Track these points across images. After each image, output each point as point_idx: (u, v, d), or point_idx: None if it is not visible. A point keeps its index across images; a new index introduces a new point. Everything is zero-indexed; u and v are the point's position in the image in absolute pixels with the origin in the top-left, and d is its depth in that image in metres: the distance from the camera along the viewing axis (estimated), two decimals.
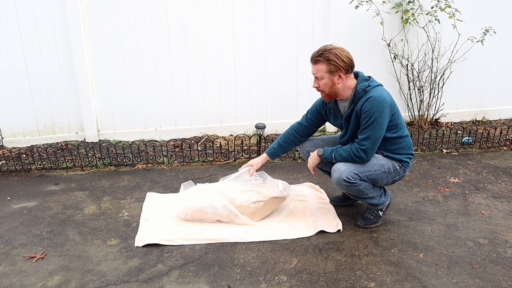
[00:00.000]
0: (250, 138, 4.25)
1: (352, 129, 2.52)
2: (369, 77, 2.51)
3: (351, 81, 2.48)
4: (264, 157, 2.84)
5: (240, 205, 2.70)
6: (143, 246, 2.54)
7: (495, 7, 4.45)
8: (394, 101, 2.46)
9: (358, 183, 2.47)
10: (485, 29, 4.22)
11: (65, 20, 3.93)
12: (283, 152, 2.86)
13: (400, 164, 2.57)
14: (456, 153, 3.97)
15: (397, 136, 2.51)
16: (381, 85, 2.47)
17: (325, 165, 2.79)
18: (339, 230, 2.65)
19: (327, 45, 2.44)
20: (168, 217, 2.85)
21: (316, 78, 2.47)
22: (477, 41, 4.27)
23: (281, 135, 2.87)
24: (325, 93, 2.50)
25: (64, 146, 4.14)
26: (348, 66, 2.41)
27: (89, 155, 3.95)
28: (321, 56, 2.39)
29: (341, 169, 2.47)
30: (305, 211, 2.89)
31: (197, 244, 2.55)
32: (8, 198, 3.25)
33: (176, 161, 3.87)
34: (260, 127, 3.81)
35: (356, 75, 2.52)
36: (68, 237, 2.67)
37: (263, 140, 3.96)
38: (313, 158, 2.64)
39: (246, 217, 2.71)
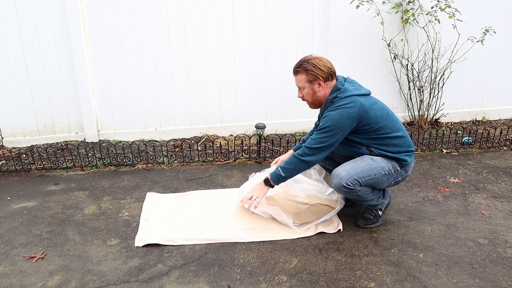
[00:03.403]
0: (250, 138, 4.25)
1: None
2: (343, 86, 2.49)
3: (331, 89, 2.53)
4: (290, 153, 2.88)
5: (285, 198, 2.66)
6: (143, 246, 2.54)
7: (495, 7, 4.45)
8: (367, 109, 2.42)
9: (357, 189, 2.47)
10: (485, 29, 4.22)
11: (65, 20, 3.93)
12: None
13: (401, 165, 2.56)
14: (456, 153, 3.97)
15: (385, 137, 2.50)
16: (353, 95, 2.43)
17: (331, 163, 2.86)
18: (339, 230, 2.65)
19: (306, 55, 2.56)
20: (168, 217, 2.85)
21: (299, 88, 2.58)
22: (477, 41, 4.27)
23: (306, 135, 2.93)
24: (309, 101, 2.61)
25: (64, 146, 4.14)
26: (327, 74, 2.49)
27: (89, 155, 3.95)
28: (300, 67, 2.51)
29: (340, 175, 2.47)
30: None
31: (197, 244, 2.55)
32: (8, 198, 3.25)
33: (176, 161, 3.88)
34: (260, 127, 3.81)
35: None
36: (68, 237, 2.67)
37: (263, 140, 3.96)
38: (261, 189, 2.55)
39: (289, 217, 2.64)
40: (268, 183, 2.55)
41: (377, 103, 2.52)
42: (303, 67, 2.50)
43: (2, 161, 3.88)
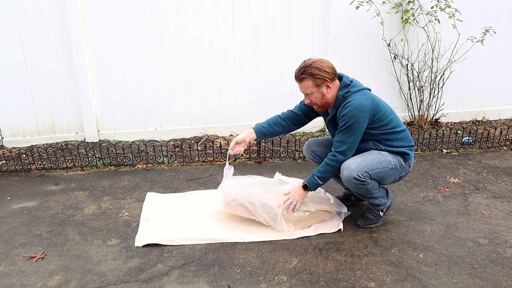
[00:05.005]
0: None
1: (334, 133, 2.58)
2: (351, 81, 2.51)
3: (337, 87, 2.52)
4: (250, 132, 2.72)
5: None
6: (143, 246, 2.53)
7: (495, 7, 4.45)
8: (378, 102, 2.47)
9: (367, 181, 2.47)
10: (485, 29, 4.22)
11: (65, 20, 3.93)
12: (271, 134, 2.76)
13: (404, 160, 2.58)
14: (456, 153, 3.97)
15: (392, 131, 2.54)
16: (363, 89, 2.48)
17: None
18: (339, 230, 2.65)
19: (306, 60, 2.48)
20: (168, 217, 2.85)
21: (306, 94, 2.52)
22: (477, 41, 4.27)
23: (271, 117, 2.78)
24: (318, 105, 2.55)
25: (64, 146, 4.14)
26: (332, 75, 2.46)
27: (89, 155, 3.95)
28: (305, 73, 2.44)
29: (351, 167, 2.46)
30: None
31: (197, 244, 2.55)
32: (8, 198, 3.25)
33: (176, 161, 3.88)
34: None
35: (341, 79, 2.54)
36: (68, 237, 2.67)
37: (263, 140, 3.96)
38: (300, 195, 2.57)
39: (291, 224, 2.62)
40: (307, 188, 2.57)
41: (380, 99, 2.58)
42: (308, 73, 2.42)
43: (2, 161, 3.88)
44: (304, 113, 2.73)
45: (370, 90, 2.56)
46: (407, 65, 4.36)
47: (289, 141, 4.13)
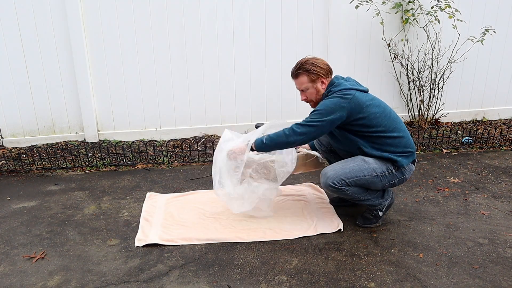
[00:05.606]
0: None
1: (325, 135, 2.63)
2: (338, 80, 2.52)
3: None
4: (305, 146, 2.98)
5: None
6: (143, 246, 2.54)
7: (495, 7, 4.45)
8: (360, 104, 2.41)
9: (344, 188, 2.47)
10: (485, 29, 4.22)
11: (65, 20, 3.93)
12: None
13: (396, 167, 2.51)
14: (456, 153, 3.97)
15: (380, 136, 2.47)
16: (348, 88, 2.45)
17: (334, 157, 2.84)
18: (339, 229, 2.65)
19: (301, 58, 2.57)
20: (168, 217, 2.85)
21: (301, 91, 2.60)
22: (477, 41, 4.27)
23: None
24: (313, 101, 2.61)
25: (64, 146, 4.14)
26: (326, 71, 2.53)
27: (89, 155, 3.96)
28: (300, 69, 2.54)
29: (327, 174, 2.49)
30: (305, 211, 2.89)
31: (197, 244, 2.55)
32: (8, 198, 3.25)
33: (176, 161, 3.88)
34: (260, 127, 3.81)
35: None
36: (68, 237, 2.67)
37: None
38: (240, 148, 2.58)
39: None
40: (252, 147, 2.57)
41: (374, 100, 2.50)
42: (303, 68, 2.52)
43: (2, 161, 3.88)
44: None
45: (366, 91, 2.53)
46: (407, 65, 4.36)
47: None
